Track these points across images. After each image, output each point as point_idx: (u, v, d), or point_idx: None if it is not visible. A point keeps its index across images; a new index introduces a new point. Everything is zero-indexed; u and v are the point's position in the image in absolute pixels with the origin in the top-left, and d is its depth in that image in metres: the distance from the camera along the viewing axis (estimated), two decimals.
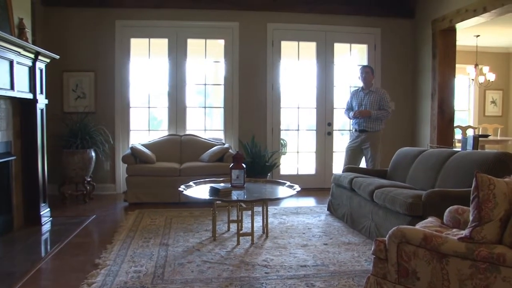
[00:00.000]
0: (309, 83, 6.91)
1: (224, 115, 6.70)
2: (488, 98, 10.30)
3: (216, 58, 6.84)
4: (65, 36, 6.21)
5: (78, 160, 5.69)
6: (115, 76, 6.37)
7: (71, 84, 6.30)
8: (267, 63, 6.63)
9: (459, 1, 5.77)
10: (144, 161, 5.68)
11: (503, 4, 5.02)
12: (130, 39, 6.45)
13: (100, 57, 6.33)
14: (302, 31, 6.72)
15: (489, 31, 8.05)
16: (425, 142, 6.54)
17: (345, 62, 7.14)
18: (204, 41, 6.65)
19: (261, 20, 6.58)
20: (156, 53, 6.67)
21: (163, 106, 6.65)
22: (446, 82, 6.29)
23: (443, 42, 6.25)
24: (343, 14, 6.70)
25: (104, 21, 6.31)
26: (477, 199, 2.22)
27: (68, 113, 6.16)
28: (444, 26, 6.11)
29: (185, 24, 6.49)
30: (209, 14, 6.45)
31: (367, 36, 6.87)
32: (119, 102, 6.41)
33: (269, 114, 6.68)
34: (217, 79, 6.93)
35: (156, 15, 6.38)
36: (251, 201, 3.81)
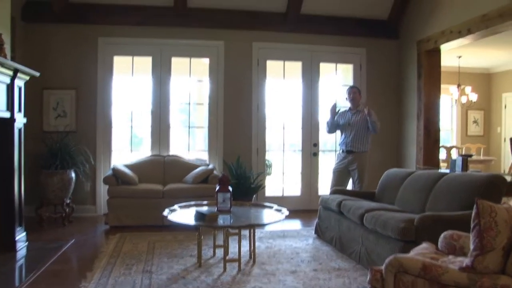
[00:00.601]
0: (295, 102, 6.84)
1: (209, 135, 6.58)
2: (470, 118, 10.43)
3: (200, 77, 6.75)
4: (47, 52, 6.05)
5: (58, 181, 5.48)
6: (97, 94, 6.22)
7: (52, 102, 6.12)
8: (252, 82, 6.56)
9: (444, 23, 5.81)
10: (126, 182, 5.50)
11: (488, 26, 5.06)
12: (113, 56, 6.32)
13: (82, 75, 6.17)
14: (288, 50, 6.68)
15: (470, 52, 8.16)
16: (411, 162, 6.52)
17: (331, 81, 7.12)
18: (188, 59, 6.55)
19: (246, 39, 6.52)
20: (139, 71, 6.54)
21: (146, 125, 6.50)
22: (431, 103, 6.30)
23: (428, 63, 6.27)
24: (328, 34, 6.69)
25: (87, 38, 6.18)
26: (478, 227, 2.14)
27: (48, 132, 5.96)
28: (429, 47, 6.14)
29: (169, 42, 6.39)
30: (194, 33, 6.38)
31: (353, 56, 6.86)
32: (101, 121, 6.24)
33: (254, 134, 6.58)
34: (201, 98, 6.82)
35: (140, 32, 6.28)
36: (239, 227, 3.68)
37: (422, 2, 6.32)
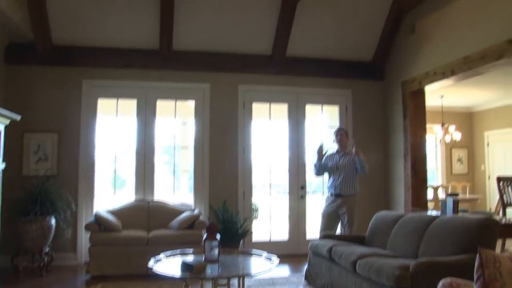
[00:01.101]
0: (281, 143, 6.79)
1: (194, 178, 6.44)
2: (455, 156, 10.51)
3: (186, 119, 6.68)
4: (29, 95, 5.95)
5: (37, 228, 5.25)
6: (80, 136, 6.08)
7: (33, 145, 5.95)
8: (238, 124, 6.51)
9: (427, 64, 5.89)
10: (109, 229, 5.30)
11: (470, 68, 5.13)
12: (98, 99, 6.23)
13: (65, 117, 6.05)
14: (274, 92, 6.69)
15: (453, 92, 8.30)
16: (400, 203, 6.45)
17: (317, 122, 7.12)
18: (174, 102, 6.50)
19: (232, 81, 6.52)
20: (124, 113, 6.45)
21: (130, 166, 6.34)
22: (417, 142, 6.30)
23: (413, 103, 6.32)
24: (314, 76, 6.73)
25: (71, 81, 6.10)
26: (482, 278, 2.04)
27: (28, 177, 5.75)
28: (413, 88, 6.20)
29: (154, 85, 6.35)
30: (179, 75, 6.36)
31: (339, 98, 6.89)
32: (84, 164, 6.08)
33: (240, 177, 6.47)
34: (187, 140, 6.73)
35: (125, 75, 6.23)
36: (228, 277, 3.51)
37: (406, 44, 6.44)
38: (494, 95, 9.21)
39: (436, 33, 5.78)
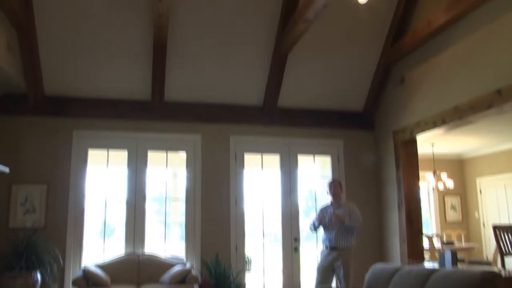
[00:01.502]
0: (274, 193, 6.72)
1: (186, 230, 6.30)
2: (448, 204, 10.46)
3: (177, 169, 6.63)
4: (18, 146, 5.88)
5: (21, 284, 5.05)
6: (70, 188, 5.98)
7: (20, 197, 5.82)
8: (230, 176, 6.45)
9: (418, 114, 5.94)
10: (98, 284, 5.11)
11: (460, 117, 5.17)
12: (88, 149, 6.17)
13: (55, 168, 5.96)
14: (265, 143, 6.69)
15: (443, 139, 8.36)
16: (395, 254, 6.32)
17: (310, 172, 7.09)
18: (165, 153, 6.46)
19: (223, 132, 6.51)
20: (114, 163, 6.38)
21: (120, 215, 6.21)
22: (411, 192, 6.25)
23: (405, 153, 6.31)
24: (305, 126, 6.75)
25: (61, 131, 6.06)
26: None
27: (14, 229, 5.60)
28: (405, 138, 6.22)
29: (145, 136, 6.32)
30: (171, 126, 6.35)
31: (330, 148, 6.89)
32: (72, 216, 5.94)
33: (233, 229, 6.34)
34: (178, 191, 6.65)
35: (116, 126, 6.21)
36: None
37: (396, 95, 6.51)
38: (484, 142, 9.28)
39: (426, 83, 5.87)
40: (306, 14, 4.95)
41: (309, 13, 4.91)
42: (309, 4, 4.84)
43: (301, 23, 5.13)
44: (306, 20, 5.05)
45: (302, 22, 5.11)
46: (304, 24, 5.17)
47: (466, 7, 4.81)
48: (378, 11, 5.96)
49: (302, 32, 5.38)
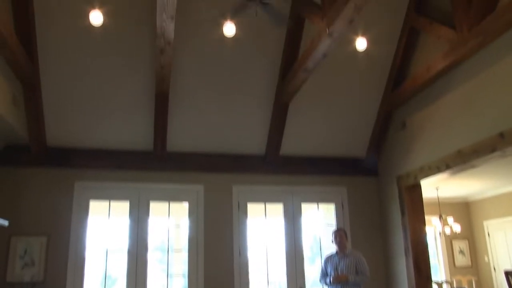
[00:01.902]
0: (278, 241, 6.60)
1: (189, 282, 6.14)
2: (456, 248, 10.24)
3: (180, 219, 6.53)
4: (19, 197, 5.83)
5: None
6: (70, 240, 5.88)
7: (19, 249, 5.71)
8: (233, 225, 6.36)
9: (421, 159, 5.90)
10: None
11: (464, 162, 5.13)
12: (90, 201, 6.12)
13: (55, 220, 5.89)
14: (269, 192, 6.64)
15: (447, 183, 8.29)
16: None
17: (314, 220, 6.98)
18: (167, 203, 6.40)
19: (226, 182, 6.48)
20: (116, 213, 6.30)
21: (121, 265, 6.07)
22: (418, 238, 6.12)
23: (410, 198, 6.23)
24: (308, 174, 6.72)
25: (63, 183, 6.03)
26: None
27: (12, 284, 5.48)
28: (409, 183, 6.16)
29: (147, 187, 6.28)
30: (173, 177, 6.33)
31: (334, 195, 6.83)
32: (72, 269, 5.80)
33: (237, 279, 6.18)
34: (181, 242, 6.52)
35: (118, 177, 6.19)
36: None
37: (398, 140, 6.50)
38: (489, 185, 9.19)
39: (427, 128, 5.86)
40: (306, 64, 5.02)
41: (309, 63, 4.98)
42: (309, 54, 4.92)
43: (301, 72, 5.19)
44: (306, 69, 5.11)
45: (302, 72, 5.18)
46: (304, 74, 5.23)
47: (464, 53, 4.88)
48: (377, 58, 6.05)
49: (302, 81, 5.44)
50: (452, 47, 4.97)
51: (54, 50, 5.35)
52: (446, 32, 5.13)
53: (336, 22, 4.25)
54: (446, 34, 5.13)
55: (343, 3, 4.08)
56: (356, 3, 3.97)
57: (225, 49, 5.68)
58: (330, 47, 4.69)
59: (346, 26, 4.34)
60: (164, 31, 4.41)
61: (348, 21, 4.24)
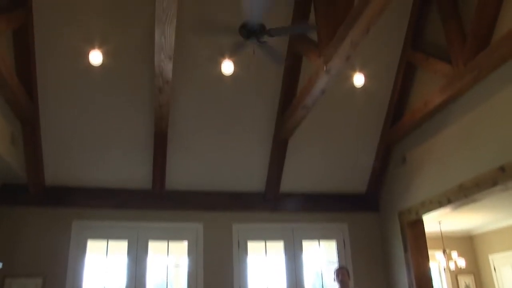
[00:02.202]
0: (279, 280, 6.46)
1: None
2: (461, 284, 10.01)
3: (179, 258, 6.42)
4: (15, 237, 5.74)
5: None
6: (67, 280, 5.74)
7: None
8: (233, 264, 6.25)
9: (422, 193, 5.85)
10: None
11: (466, 196, 5.08)
12: (87, 240, 6.04)
13: (52, 260, 5.77)
14: (269, 230, 6.56)
15: (450, 217, 8.19)
16: None
17: (315, 257, 6.86)
18: (166, 242, 6.32)
19: (226, 220, 6.41)
20: (114, 252, 6.20)
21: None
22: (422, 274, 5.99)
23: (412, 234, 6.14)
24: (308, 211, 6.65)
25: (60, 222, 5.95)
26: None
27: None
28: (411, 218, 6.08)
29: (146, 226, 6.21)
30: (172, 215, 6.26)
31: (335, 232, 6.74)
32: None
33: None
34: (180, 281, 6.39)
35: (116, 215, 6.13)
36: None
37: (398, 175, 6.47)
38: (493, 218, 9.07)
39: (428, 163, 5.84)
40: (304, 101, 5.04)
41: (308, 100, 5.01)
42: (307, 91, 4.94)
43: (300, 109, 5.20)
44: (304, 106, 5.13)
45: (301, 109, 5.19)
46: (303, 111, 5.25)
47: (460, 87, 4.92)
48: (375, 94, 6.09)
49: (301, 118, 5.45)
50: (449, 82, 5.01)
51: (54, 89, 5.39)
52: (442, 67, 5.18)
53: (333, 59, 4.29)
54: (442, 69, 5.18)
55: (340, 40, 4.13)
56: (353, 40, 4.02)
57: (223, 87, 5.72)
58: (328, 83, 4.73)
59: (343, 63, 4.38)
60: (162, 71, 4.46)
61: (345, 57, 4.28)
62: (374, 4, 3.64)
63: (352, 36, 3.98)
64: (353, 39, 4.03)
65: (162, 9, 3.60)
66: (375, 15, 3.77)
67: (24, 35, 4.89)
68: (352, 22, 3.92)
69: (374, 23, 3.87)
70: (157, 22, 3.78)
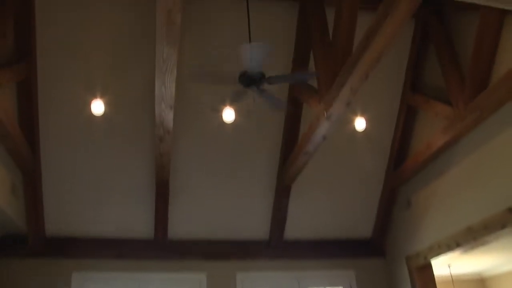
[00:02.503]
0: None
1: None
2: None
3: None
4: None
5: None
6: None
7: None
8: None
9: (430, 237, 5.71)
10: None
11: (475, 238, 4.96)
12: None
13: None
14: (274, 278, 6.38)
15: (460, 260, 8.01)
16: None
17: None
18: None
19: (230, 269, 6.25)
20: None
21: None
22: None
23: (421, 279, 5.96)
24: (314, 258, 6.50)
25: (60, 274, 5.79)
26: None
27: None
28: (419, 263, 5.92)
29: (148, 276, 6.04)
30: (174, 265, 6.11)
31: (342, 279, 6.55)
32: None
33: None
34: None
35: (117, 266, 5.98)
36: None
37: (404, 219, 6.35)
38: (505, 259, 8.85)
39: (434, 205, 5.74)
40: (306, 147, 5.02)
41: (309, 146, 4.99)
42: (308, 137, 4.93)
43: (302, 155, 5.18)
44: (306, 152, 5.11)
45: (303, 155, 5.17)
46: (305, 157, 5.22)
47: (462, 128, 4.88)
48: (377, 138, 6.07)
49: (303, 164, 5.41)
50: (450, 123, 4.98)
51: (55, 140, 5.39)
52: (443, 109, 5.18)
53: (334, 105, 4.30)
54: (443, 110, 5.18)
55: (339, 86, 4.16)
56: (352, 86, 4.05)
57: (224, 135, 5.72)
58: (329, 129, 4.72)
59: (343, 109, 4.40)
60: (163, 120, 4.47)
61: (345, 103, 4.29)
62: (372, 50, 3.68)
63: (352, 82, 4.01)
64: (353, 85, 4.05)
65: (162, 60, 3.65)
66: (373, 61, 3.81)
67: (28, 86, 4.95)
68: (351, 69, 3.96)
69: (373, 69, 3.90)
70: (157, 72, 3.82)
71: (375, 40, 3.57)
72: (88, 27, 5.03)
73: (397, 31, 3.51)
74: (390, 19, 3.39)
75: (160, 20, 3.25)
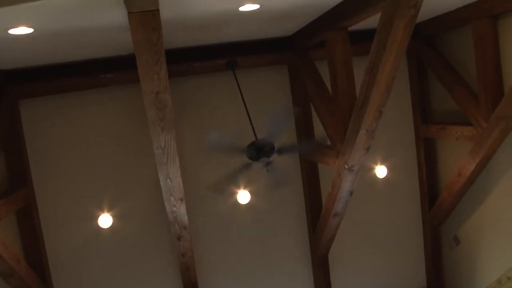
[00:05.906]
0: None
1: None
2: None
3: None
4: None
5: None
6: None
7: None
8: None
9: (493, 272, 5.11)
10: None
11: None
12: None
13: None
14: None
15: None
16: None
17: None
18: None
19: None
20: None
21: None
22: None
23: None
24: None
25: None
26: None
27: None
28: None
29: None
30: None
31: None
32: None
33: None
34: None
35: None
36: None
37: (456, 257, 5.76)
38: None
39: (485, 234, 5.20)
40: (334, 208, 4.63)
41: (337, 206, 4.59)
42: (334, 196, 4.55)
43: (332, 218, 4.78)
44: (336, 214, 4.72)
45: (333, 217, 4.77)
46: (336, 219, 4.82)
47: (490, 145, 4.53)
48: (402, 181, 5.79)
49: (336, 226, 5.00)
50: (477, 143, 4.66)
51: (66, 266, 4.98)
52: (464, 131, 4.89)
53: (353, 153, 3.97)
54: (464, 132, 4.88)
55: (354, 133, 3.86)
56: (368, 128, 3.74)
57: (245, 220, 5.40)
58: (353, 182, 4.37)
59: (363, 155, 4.07)
60: (176, 216, 4.09)
61: (365, 149, 3.97)
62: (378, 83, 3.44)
63: (366, 124, 3.73)
64: (368, 127, 3.76)
65: (161, 149, 3.31)
66: (382, 95, 3.56)
67: (28, 214, 4.64)
68: (361, 111, 3.69)
69: (385, 103, 3.62)
70: (159, 164, 3.48)
71: (379, 71, 3.32)
72: (79, 145, 4.87)
73: (400, 55, 3.28)
74: (389, 47, 3.18)
75: (149, 104, 2.96)
